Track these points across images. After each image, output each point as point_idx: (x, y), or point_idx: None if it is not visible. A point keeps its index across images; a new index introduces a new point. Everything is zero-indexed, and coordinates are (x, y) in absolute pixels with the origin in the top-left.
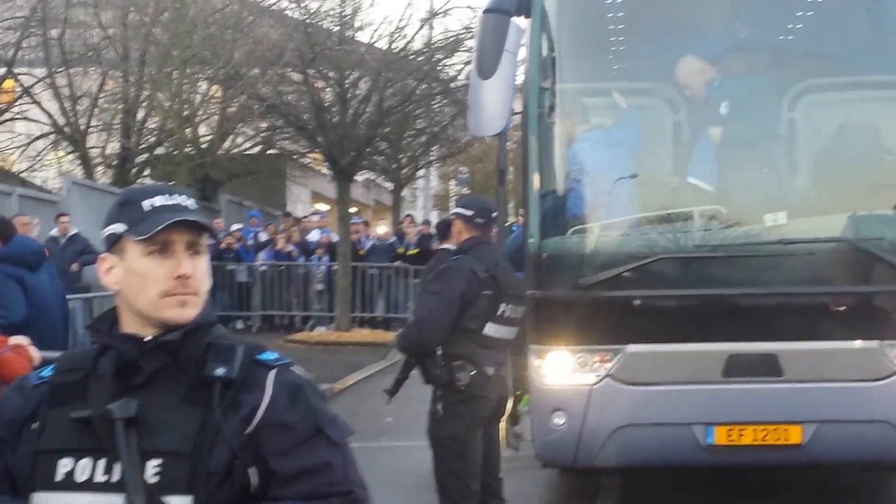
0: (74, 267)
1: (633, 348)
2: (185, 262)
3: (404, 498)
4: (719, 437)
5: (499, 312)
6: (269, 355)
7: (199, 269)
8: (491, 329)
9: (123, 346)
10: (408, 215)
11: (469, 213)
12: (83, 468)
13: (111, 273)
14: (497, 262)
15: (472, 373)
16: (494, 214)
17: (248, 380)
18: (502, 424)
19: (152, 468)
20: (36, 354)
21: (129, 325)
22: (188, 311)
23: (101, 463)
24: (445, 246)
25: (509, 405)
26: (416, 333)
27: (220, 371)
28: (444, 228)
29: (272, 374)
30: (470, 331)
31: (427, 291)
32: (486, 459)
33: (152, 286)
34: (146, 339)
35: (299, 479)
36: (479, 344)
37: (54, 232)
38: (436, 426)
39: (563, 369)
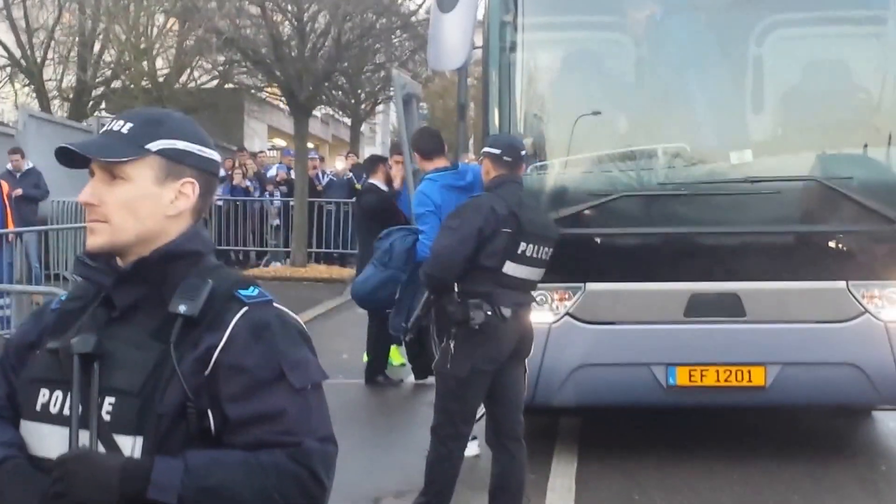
0: (17, 192)
1: (593, 287)
2: (87, 189)
3: (358, 434)
4: (681, 377)
5: (519, 251)
6: (248, 291)
7: (110, 197)
8: (510, 268)
9: (95, 277)
10: (350, 153)
11: (496, 151)
12: (55, 400)
13: None
14: (521, 201)
15: (489, 312)
16: (524, 152)
17: (217, 317)
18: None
19: (107, 406)
20: None
21: None
22: (94, 238)
23: (70, 397)
24: (373, 181)
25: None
26: (430, 268)
27: (182, 307)
28: (372, 164)
29: (241, 311)
30: (488, 269)
31: (444, 227)
32: (506, 401)
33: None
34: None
35: (250, 426)
36: (499, 283)
37: (9, 166)
38: (443, 363)
39: None
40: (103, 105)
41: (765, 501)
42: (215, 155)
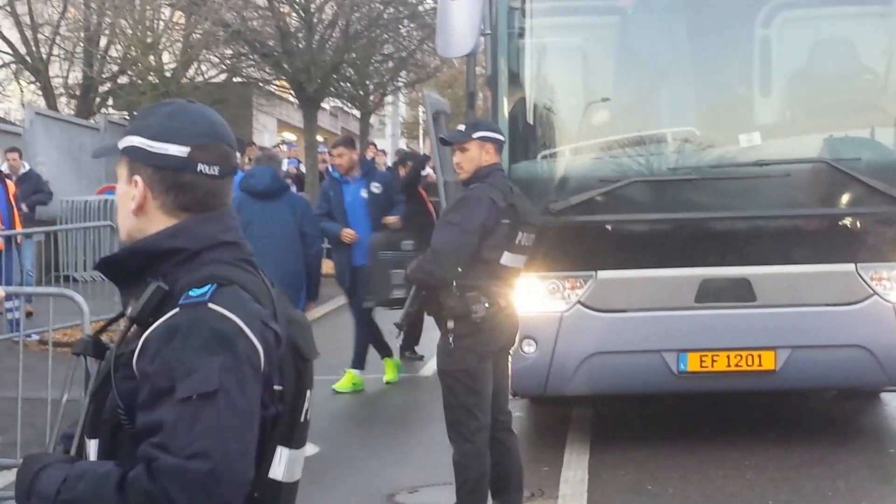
0: (24, 207)
1: (604, 274)
2: None
3: (371, 429)
4: (692, 363)
5: (516, 241)
6: (197, 291)
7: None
8: (507, 258)
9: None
10: (371, 143)
11: (501, 137)
12: None
13: None
14: (512, 189)
15: (487, 305)
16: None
17: (154, 321)
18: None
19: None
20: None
21: None
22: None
23: None
24: None
25: (518, 337)
26: (433, 265)
27: (129, 309)
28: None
29: (169, 314)
30: (486, 261)
31: (445, 222)
32: (497, 392)
33: None
34: None
35: (142, 437)
36: (493, 274)
37: (4, 168)
38: (447, 359)
39: (532, 296)
40: (110, 101)
41: (776, 488)
42: (171, 148)
